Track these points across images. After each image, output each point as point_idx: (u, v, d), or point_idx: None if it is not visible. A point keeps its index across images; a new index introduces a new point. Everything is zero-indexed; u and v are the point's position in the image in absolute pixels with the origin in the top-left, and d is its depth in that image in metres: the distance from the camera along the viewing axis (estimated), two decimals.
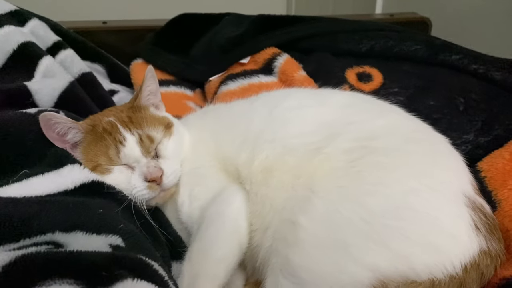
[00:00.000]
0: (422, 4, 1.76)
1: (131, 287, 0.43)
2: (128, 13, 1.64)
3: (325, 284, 0.56)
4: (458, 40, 1.61)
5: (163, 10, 1.49)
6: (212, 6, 1.64)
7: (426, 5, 1.74)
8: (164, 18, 1.41)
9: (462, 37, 1.61)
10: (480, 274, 0.57)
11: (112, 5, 2.27)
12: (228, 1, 2.80)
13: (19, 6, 1.20)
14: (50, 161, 0.70)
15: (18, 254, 0.43)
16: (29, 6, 1.27)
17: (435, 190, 0.62)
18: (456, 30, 1.64)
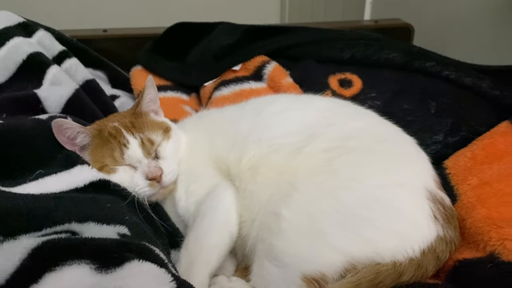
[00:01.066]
0: (406, 11, 1.85)
1: (137, 266, 0.52)
2: (128, 22, 1.70)
3: (301, 267, 0.65)
4: (439, 45, 1.70)
5: (160, 18, 1.56)
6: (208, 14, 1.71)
7: (410, 12, 1.82)
8: (161, 26, 1.45)
9: (443, 42, 1.70)
10: (436, 257, 0.66)
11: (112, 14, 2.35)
12: (224, 10, 2.91)
13: (26, 17, 1.28)
14: (61, 162, 0.78)
15: (43, 239, 0.51)
16: (34, 15, 1.34)
17: (400, 185, 0.71)
18: (437, 35, 1.73)
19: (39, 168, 0.76)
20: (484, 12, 1.51)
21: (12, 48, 1.09)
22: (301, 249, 0.66)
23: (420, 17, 1.77)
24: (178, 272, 0.66)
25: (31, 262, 0.49)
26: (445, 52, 1.62)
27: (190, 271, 0.68)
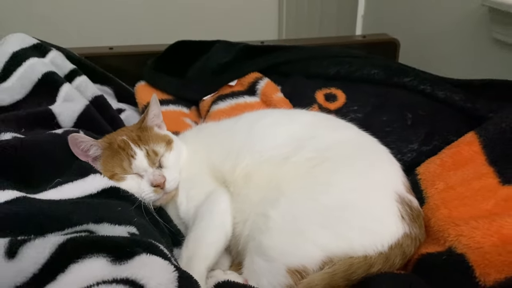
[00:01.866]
0: (393, 26, 1.96)
1: (145, 259, 0.62)
2: (132, 39, 1.80)
3: (286, 261, 0.75)
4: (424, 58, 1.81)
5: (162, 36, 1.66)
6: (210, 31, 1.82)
7: (397, 27, 1.93)
8: (163, 43, 1.54)
9: (428, 55, 1.81)
10: (402, 252, 0.76)
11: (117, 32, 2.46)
12: (225, 27, 3.03)
13: (38, 37, 1.38)
14: (76, 172, 0.88)
15: (67, 237, 0.62)
16: (45, 35, 1.44)
17: (372, 189, 0.81)
18: (422, 49, 1.84)
19: (57, 177, 0.85)
20: (464, 28, 1.61)
21: (28, 68, 1.18)
22: (286, 245, 0.76)
23: (406, 32, 1.88)
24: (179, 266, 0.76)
25: (58, 255, 0.59)
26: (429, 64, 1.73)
27: (190, 265, 0.78)
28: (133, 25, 2.80)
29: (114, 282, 0.56)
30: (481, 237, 0.71)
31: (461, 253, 0.70)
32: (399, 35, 1.75)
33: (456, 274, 0.68)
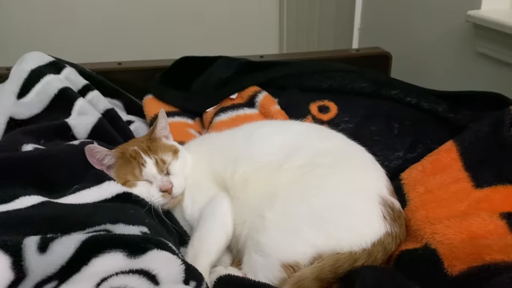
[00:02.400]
0: (387, 40, 2.06)
1: (156, 253, 0.71)
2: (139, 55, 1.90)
3: (280, 256, 0.85)
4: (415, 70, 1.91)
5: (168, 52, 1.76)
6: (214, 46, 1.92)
7: (390, 41, 2.03)
8: (169, 58, 1.62)
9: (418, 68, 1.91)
10: (384, 248, 0.84)
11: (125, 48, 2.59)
12: (229, 42, 3.17)
13: (52, 54, 1.48)
14: (92, 179, 0.97)
15: (89, 235, 0.71)
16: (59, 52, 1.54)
17: (357, 192, 0.90)
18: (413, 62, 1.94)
19: (75, 184, 0.94)
20: (451, 42, 1.71)
21: (45, 84, 1.27)
22: (280, 243, 0.85)
23: (398, 45, 1.98)
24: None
25: (81, 250, 0.69)
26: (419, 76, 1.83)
27: (195, 261, 0.87)
28: (140, 42, 2.95)
29: (131, 273, 0.66)
30: (452, 234, 0.80)
31: (433, 248, 0.79)
32: (392, 48, 1.84)
33: (428, 266, 0.77)
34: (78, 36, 2.92)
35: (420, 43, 1.89)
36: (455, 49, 1.68)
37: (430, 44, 1.82)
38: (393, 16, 2.09)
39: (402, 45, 1.97)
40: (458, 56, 1.67)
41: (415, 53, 1.91)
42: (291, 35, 3.40)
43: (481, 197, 0.90)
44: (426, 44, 1.85)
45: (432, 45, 1.81)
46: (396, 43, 2.01)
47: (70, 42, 2.76)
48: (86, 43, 2.81)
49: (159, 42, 3.04)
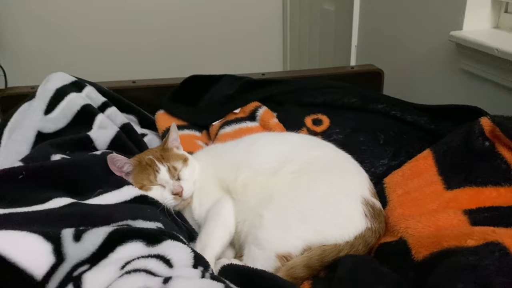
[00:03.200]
0: (380, 57, 2.21)
1: (170, 243, 0.85)
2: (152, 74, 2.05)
3: (275, 249, 0.98)
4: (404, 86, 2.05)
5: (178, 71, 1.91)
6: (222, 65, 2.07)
7: (383, 58, 2.18)
8: (179, 77, 1.75)
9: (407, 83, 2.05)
10: (365, 241, 0.97)
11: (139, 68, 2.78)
12: (236, 61, 3.39)
13: (74, 75, 1.62)
14: (113, 184, 1.11)
15: (114, 228, 0.85)
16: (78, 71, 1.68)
17: (342, 193, 1.03)
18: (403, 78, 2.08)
19: (98, 188, 1.09)
20: (436, 60, 1.84)
21: (69, 101, 1.40)
22: (275, 237, 0.98)
23: (390, 62, 2.13)
24: None
25: (108, 240, 0.83)
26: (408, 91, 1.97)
27: (202, 254, 1.01)
28: (152, 62, 3.17)
29: (149, 257, 0.80)
30: (421, 228, 0.94)
31: (405, 239, 0.93)
32: (385, 64, 1.99)
33: (399, 254, 0.90)
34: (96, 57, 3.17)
35: (410, 61, 2.03)
36: (441, 66, 1.82)
37: (418, 61, 1.97)
38: (386, 35, 2.24)
39: (393, 62, 2.11)
40: (443, 73, 1.81)
41: (405, 69, 2.05)
42: (294, 53, 3.59)
43: (451, 197, 1.03)
44: (415, 61, 1.99)
45: (420, 62, 1.95)
46: (388, 60, 2.15)
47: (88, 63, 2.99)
48: (103, 64, 3.06)
49: (170, 61, 3.27)
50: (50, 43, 3.46)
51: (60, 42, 3.50)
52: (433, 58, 1.85)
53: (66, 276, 0.78)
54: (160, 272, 0.78)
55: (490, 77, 1.58)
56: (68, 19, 3.49)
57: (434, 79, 1.86)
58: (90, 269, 0.79)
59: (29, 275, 0.75)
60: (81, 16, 3.51)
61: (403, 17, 2.06)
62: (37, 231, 0.80)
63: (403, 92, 1.92)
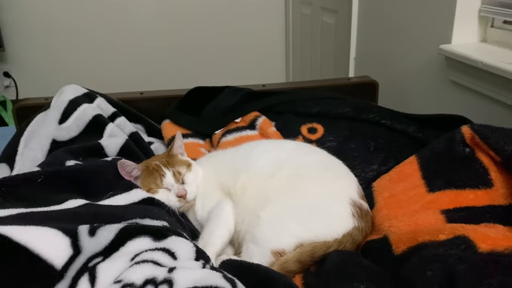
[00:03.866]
0: (376, 69, 2.31)
1: (175, 238, 0.94)
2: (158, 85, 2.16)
3: (271, 245, 1.07)
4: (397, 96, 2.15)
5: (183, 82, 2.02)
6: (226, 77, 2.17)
7: (379, 70, 2.28)
8: (184, 88, 1.84)
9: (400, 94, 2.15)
10: (352, 239, 1.06)
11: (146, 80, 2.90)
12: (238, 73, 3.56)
13: (86, 86, 1.75)
14: (122, 187, 1.20)
15: (124, 225, 0.95)
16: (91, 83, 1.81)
17: (332, 196, 1.12)
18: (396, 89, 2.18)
19: (109, 191, 1.19)
20: (427, 72, 1.94)
21: (81, 112, 1.49)
22: (271, 236, 1.07)
23: (384, 74, 2.23)
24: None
25: (119, 235, 0.92)
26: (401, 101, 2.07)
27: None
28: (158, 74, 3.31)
29: (156, 250, 0.90)
30: (402, 226, 1.03)
31: (387, 236, 1.02)
32: (380, 76, 2.09)
33: (381, 250, 0.99)
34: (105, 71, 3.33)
35: (403, 72, 2.13)
36: (431, 78, 1.91)
37: (411, 73, 2.07)
38: (381, 48, 2.34)
39: (388, 74, 2.22)
40: (434, 84, 1.91)
41: (399, 80, 2.15)
42: (296, 64, 3.72)
43: (432, 199, 1.12)
44: (408, 73, 2.09)
45: (412, 74, 2.05)
46: (383, 71, 2.26)
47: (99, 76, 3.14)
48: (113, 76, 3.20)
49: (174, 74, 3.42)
50: (60, 56, 3.64)
51: (70, 55, 3.67)
52: (425, 70, 1.95)
53: (82, 267, 0.88)
54: (166, 263, 0.87)
55: (476, 88, 1.67)
56: (78, 34, 3.66)
57: (426, 89, 1.96)
58: (104, 261, 0.89)
59: (50, 265, 0.85)
60: (91, 31, 3.68)
61: (397, 31, 2.16)
62: (57, 226, 0.90)
63: (397, 102, 2.02)
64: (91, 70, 3.39)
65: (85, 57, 3.59)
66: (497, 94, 1.57)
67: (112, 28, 3.58)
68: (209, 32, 3.70)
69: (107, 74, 3.36)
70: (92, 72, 3.24)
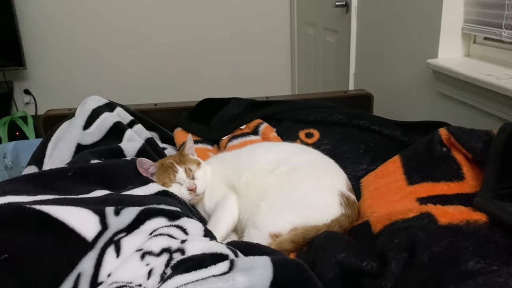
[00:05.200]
0: (372, 83, 2.49)
1: (186, 219, 1.10)
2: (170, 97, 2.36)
3: (269, 229, 1.24)
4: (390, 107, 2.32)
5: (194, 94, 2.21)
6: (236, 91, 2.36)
7: (374, 84, 2.46)
8: (194, 100, 2.01)
9: (393, 105, 2.32)
10: (340, 224, 1.21)
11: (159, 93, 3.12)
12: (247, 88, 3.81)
13: (108, 99, 1.95)
14: (140, 182, 1.37)
15: (143, 207, 1.12)
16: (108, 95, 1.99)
17: (322, 188, 1.28)
18: (390, 100, 2.35)
19: (129, 185, 1.37)
20: (417, 84, 2.12)
21: (103, 119, 1.67)
22: (269, 221, 1.23)
23: (379, 87, 2.40)
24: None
25: (140, 215, 1.09)
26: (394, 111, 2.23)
27: None
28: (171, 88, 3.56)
29: (171, 226, 1.07)
30: (382, 211, 1.19)
31: (368, 220, 1.18)
32: (376, 89, 2.27)
33: (363, 231, 1.15)
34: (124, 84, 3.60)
35: (395, 85, 2.30)
36: (420, 90, 2.08)
37: (402, 85, 2.24)
38: (376, 64, 2.53)
39: (382, 87, 2.39)
40: (423, 95, 2.08)
41: (392, 92, 2.32)
42: (301, 79, 3.92)
43: (411, 190, 1.27)
44: (400, 85, 2.26)
45: (404, 86, 2.22)
46: (378, 85, 2.43)
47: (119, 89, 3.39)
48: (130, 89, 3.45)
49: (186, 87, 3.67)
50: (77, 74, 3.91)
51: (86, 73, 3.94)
52: (414, 83, 2.12)
53: (109, 240, 1.05)
54: (179, 237, 1.04)
55: (460, 98, 1.84)
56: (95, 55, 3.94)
57: (416, 100, 2.13)
58: (126, 236, 1.06)
59: (82, 238, 1.02)
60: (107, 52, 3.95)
61: (390, 48, 2.35)
62: (87, 207, 1.08)
63: (391, 112, 2.18)
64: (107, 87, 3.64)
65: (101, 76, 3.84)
66: (478, 103, 1.73)
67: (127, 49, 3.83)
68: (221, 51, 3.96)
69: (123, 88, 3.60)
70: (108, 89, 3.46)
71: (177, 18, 3.84)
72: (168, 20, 3.82)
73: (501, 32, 1.68)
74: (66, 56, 3.86)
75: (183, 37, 3.89)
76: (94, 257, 1.00)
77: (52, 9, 3.72)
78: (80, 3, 3.72)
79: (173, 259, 0.96)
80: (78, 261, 0.99)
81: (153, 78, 3.76)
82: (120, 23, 3.78)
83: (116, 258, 1.01)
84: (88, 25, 3.78)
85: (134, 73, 3.79)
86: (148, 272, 0.96)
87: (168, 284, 0.86)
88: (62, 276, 0.95)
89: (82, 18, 3.76)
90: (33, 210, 1.02)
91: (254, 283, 0.85)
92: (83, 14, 3.74)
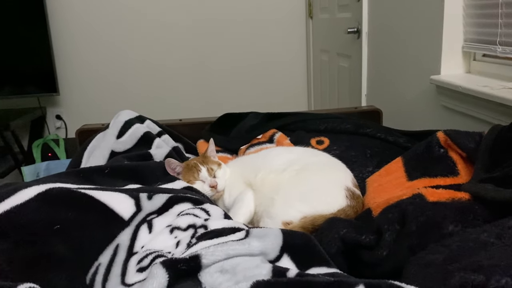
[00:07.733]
0: (382, 100, 2.65)
1: (209, 204, 1.26)
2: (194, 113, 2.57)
3: (282, 218, 1.38)
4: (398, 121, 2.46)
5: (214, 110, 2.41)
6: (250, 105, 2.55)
7: (384, 100, 2.62)
8: (215, 116, 2.20)
9: (400, 119, 2.46)
10: (345, 213, 1.35)
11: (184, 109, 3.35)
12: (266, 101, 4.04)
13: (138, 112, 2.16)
14: (168, 179, 1.55)
15: (172, 194, 1.29)
16: (139, 109, 2.22)
17: (331, 183, 1.44)
18: (397, 115, 2.50)
19: (158, 182, 1.55)
20: (422, 99, 2.27)
21: (134, 129, 1.86)
22: (282, 211, 1.38)
23: (388, 103, 2.56)
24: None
25: (168, 201, 1.25)
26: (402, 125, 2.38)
27: None
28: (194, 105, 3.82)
29: (195, 208, 1.23)
30: (382, 202, 1.33)
31: (370, 207, 1.32)
32: (385, 106, 2.42)
33: (365, 216, 1.29)
34: (152, 101, 3.88)
35: (402, 100, 2.46)
36: (425, 104, 2.24)
37: (409, 101, 2.39)
38: (385, 82, 2.69)
39: (390, 103, 2.55)
40: (428, 109, 2.23)
41: (399, 108, 2.48)
42: (317, 102, 4.11)
43: (410, 185, 1.41)
44: (406, 101, 2.42)
45: (410, 101, 2.38)
46: (388, 101, 2.59)
47: (147, 105, 3.68)
48: (157, 106, 3.73)
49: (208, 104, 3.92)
50: (107, 102, 4.21)
51: (114, 96, 4.24)
52: (420, 98, 2.28)
53: (142, 220, 1.22)
54: (202, 216, 1.21)
55: (461, 109, 1.99)
56: (121, 83, 4.28)
57: (422, 114, 2.28)
58: (157, 217, 1.23)
59: (121, 217, 1.19)
60: (134, 79, 4.28)
61: (397, 67, 2.52)
62: (124, 191, 1.26)
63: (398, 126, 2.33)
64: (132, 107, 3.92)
65: (126, 101, 4.13)
66: (477, 113, 1.87)
67: (150, 75, 4.13)
68: (241, 76, 4.25)
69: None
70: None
71: (201, 46, 4.13)
72: (191, 50, 4.12)
73: (496, 48, 1.83)
74: (95, 84, 4.19)
75: (208, 64, 4.20)
76: (130, 232, 1.17)
77: (84, 43, 4.12)
78: (109, 38, 4.08)
79: (197, 233, 1.12)
80: (116, 235, 1.16)
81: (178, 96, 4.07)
82: (143, 57, 4.13)
83: (149, 234, 1.17)
84: (115, 58, 4.13)
85: (158, 98, 4.05)
86: (176, 243, 1.12)
87: (194, 248, 1.02)
88: (104, 245, 1.12)
89: (112, 52, 4.12)
90: (80, 193, 1.20)
91: (267, 247, 1.00)
92: (112, 48, 4.12)
